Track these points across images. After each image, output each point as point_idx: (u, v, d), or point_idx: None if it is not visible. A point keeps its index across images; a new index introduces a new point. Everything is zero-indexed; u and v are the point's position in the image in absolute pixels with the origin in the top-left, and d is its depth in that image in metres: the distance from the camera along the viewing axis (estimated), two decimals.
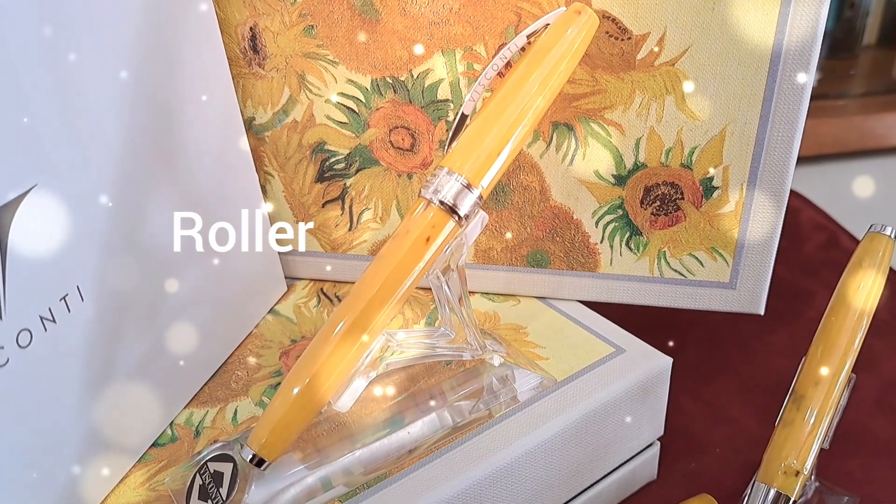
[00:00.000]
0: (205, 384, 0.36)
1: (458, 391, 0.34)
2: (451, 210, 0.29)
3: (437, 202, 0.29)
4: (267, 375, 0.36)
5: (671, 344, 0.49)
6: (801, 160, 0.74)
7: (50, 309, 0.27)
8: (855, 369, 0.48)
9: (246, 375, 0.36)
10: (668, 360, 0.36)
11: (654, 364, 0.36)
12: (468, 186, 0.29)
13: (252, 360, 0.37)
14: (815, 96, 0.77)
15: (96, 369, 0.30)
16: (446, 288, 0.31)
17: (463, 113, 0.31)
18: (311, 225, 0.41)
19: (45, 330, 0.27)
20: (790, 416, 0.33)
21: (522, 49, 0.32)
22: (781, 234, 0.61)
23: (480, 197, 0.30)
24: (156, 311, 0.33)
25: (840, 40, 0.80)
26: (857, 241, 0.59)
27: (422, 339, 0.33)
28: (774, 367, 0.48)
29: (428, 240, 0.29)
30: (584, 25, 0.31)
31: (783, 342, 0.50)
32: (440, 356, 0.33)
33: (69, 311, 0.28)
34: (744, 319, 0.42)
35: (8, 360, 0.25)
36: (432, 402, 0.33)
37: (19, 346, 0.26)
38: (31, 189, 0.26)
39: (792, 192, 0.66)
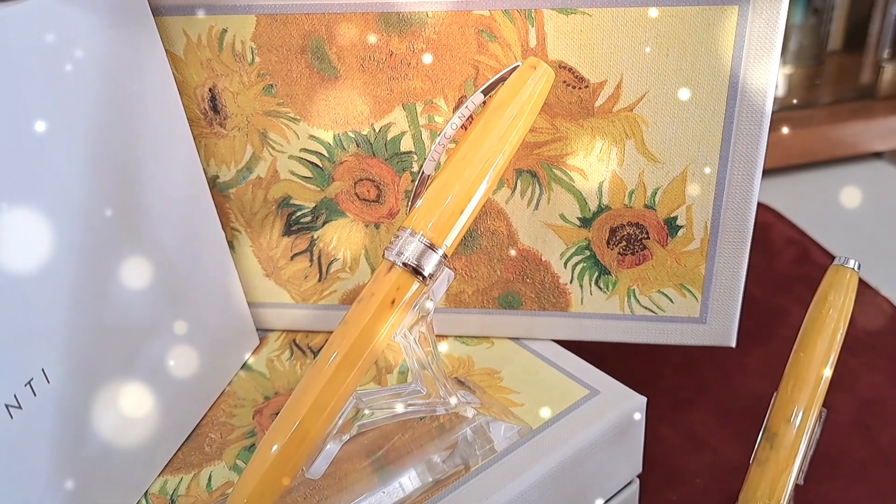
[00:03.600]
0: (178, 449, 0.35)
1: (432, 446, 0.34)
2: (416, 271, 0.29)
3: (401, 264, 0.29)
4: (241, 437, 0.36)
5: (647, 371, 0.49)
6: (771, 172, 0.75)
7: (15, 396, 0.27)
8: (830, 389, 0.48)
9: (219, 438, 0.36)
10: (643, 400, 0.37)
11: (628, 404, 0.36)
12: (431, 246, 0.30)
13: (223, 419, 0.37)
14: (783, 107, 0.78)
15: (66, 448, 0.29)
16: (415, 346, 0.31)
17: (424, 172, 0.31)
18: (280, 278, 0.41)
19: (12, 417, 0.27)
20: (764, 454, 0.33)
21: (484, 103, 0.32)
22: (753, 251, 0.62)
23: (445, 256, 0.30)
24: (125, 381, 0.32)
25: (805, 48, 0.81)
26: (829, 255, 0.60)
27: (393, 398, 0.33)
28: (750, 390, 0.48)
29: (393, 302, 0.29)
30: (539, 79, 0.31)
31: (758, 363, 0.50)
32: (413, 413, 0.33)
33: (35, 395, 0.28)
34: None
35: None
36: (407, 460, 0.33)
37: None
38: None
39: (763, 206, 0.67)
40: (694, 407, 0.47)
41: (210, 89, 0.36)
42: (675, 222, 0.36)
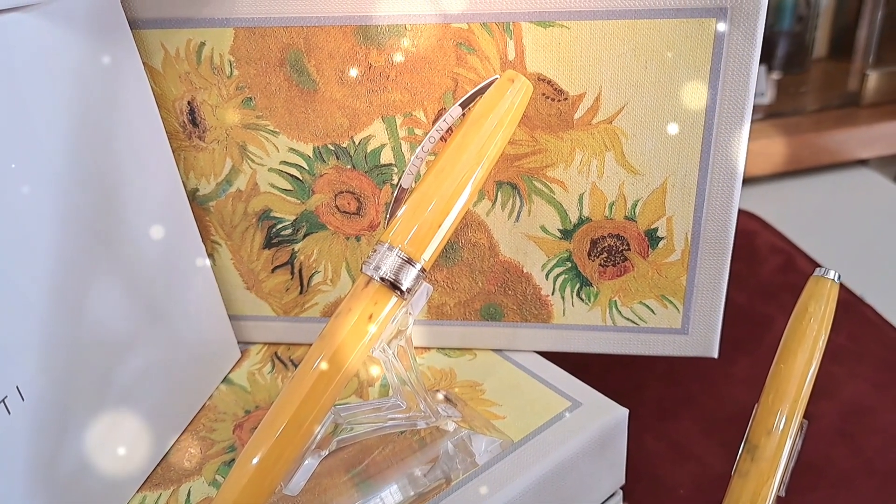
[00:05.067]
0: (157, 465, 0.35)
1: (413, 460, 0.34)
2: (394, 285, 0.29)
3: (379, 278, 0.29)
4: (220, 451, 0.36)
5: (631, 382, 0.49)
6: (757, 179, 0.75)
7: None
8: (814, 398, 0.48)
9: (199, 453, 0.36)
10: (625, 412, 0.37)
11: (610, 416, 0.36)
12: (409, 260, 0.29)
13: (203, 434, 0.37)
14: (768, 114, 0.78)
15: (42, 465, 0.29)
16: (394, 360, 0.31)
17: (402, 185, 0.31)
18: (261, 291, 0.41)
19: None
20: (745, 466, 0.33)
21: (463, 115, 0.32)
22: (738, 259, 0.62)
23: (423, 270, 0.30)
24: (103, 397, 0.32)
25: (790, 55, 0.82)
26: (814, 264, 0.60)
27: (373, 413, 0.33)
28: (736, 399, 0.48)
29: (370, 317, 0.29)
30: (518, 92, 0.31)
31: (743, 372, 0.50)
32: (393, 427, 0.33)
33: (9, 412, 0.27)
34: None
35: None
36: (388, 474, 0.33)
37: None
38: None
39: (748, 214, 0.67)
40: (679, 417, 0.47)
41: (189, 102, 0.36)
42: (656, 234, 0.36)
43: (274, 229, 0.39)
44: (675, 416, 0.47)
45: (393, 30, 0.33)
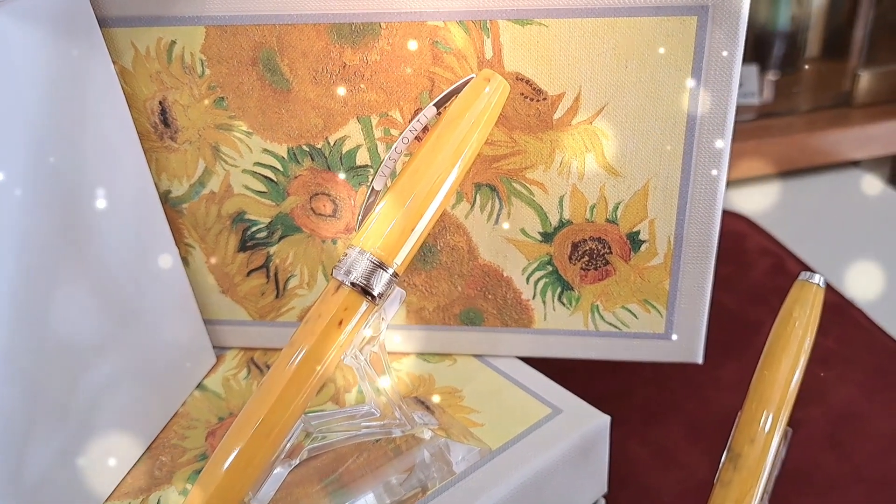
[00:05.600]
0: (127, 473, 0.34)
1: (389, 469, 0.33)
2: (365, 291, 0.28)
3: (349, 283, 0.28)
4: (192, 459, 0.35)
5: (617, 386, 0.48)
6: (748, 180, 0.75)
7: None
8: (802, 403, 0.47)
9: (170, 461, 0.35)
10: (606, 419, 0.36)
11: (591, 423, 0.35)
12: (381, 265, 0.29)
13: (175, 441, 0.36)
14: (761, 115, 0.77)
15: (7, 473, 0.28)
16: (367, 367, 0.30)
17: (373, 188, 0.30)
18: (237, 294, 0.40)
19: None
20: (727, 475, 0.32)
21: (440, 114, 0.31)
22: (728, 262, 0.61)
23: (395, 274, 0.29)
24: (70, 404, 0.31)
25: (783, 55, 0.81)
26: (804, 266, 0.59)
27: (346, 421, 0.32)
28: (723, 404, 0.47)
29: (341, 323, 0.28)
30: (494, 92, 0.30)
31: (731, 376, 0.49)
32: (367, 436, 0.32)
33: None
34: None
35: None
36: (363, 483, 0.32)
37: None
38: None
39: (738, 215, 0.67)
40: (665, 422, 0.46)
41: (160, 102, 0.35)
42: (638, 237, 0.35)
43: (248, 232, 0.38)
44: (661, 422, 0.46)
45: (367, 28, 0.32)
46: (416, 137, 0.32)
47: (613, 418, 0.36)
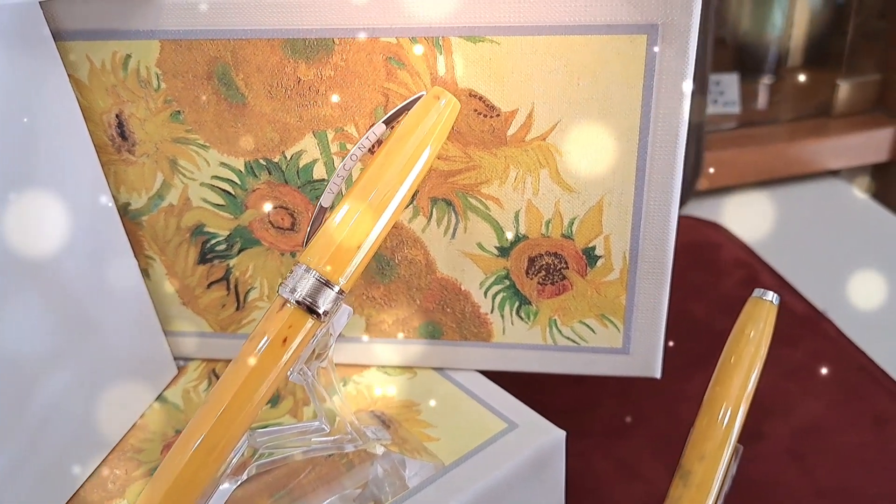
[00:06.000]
0: (80, 487, 0.34)
1: (341, 484, 0.33)
2: (310, 309, 0.29)
3: (294, 301, 0.28)
4: (147, 473, 0.35)
5: (584, 398, 0.48)
6: (726, 189, 0.75)
7: None
8: (767, 416, 0.48)
9: (124, 474, 0.35)
10: (562, 434, 0.36)
11: (547, 438, 0.35)
12: (327, 283, 0.29)
13: (130, 454, 0.36)
14: (741, 124, 0.77)
15: None
16: (315, 383, 0.30)
17: (321, 205, 0.30)
18: (198, 306, 0.40)
19: None
20: (677, 492, 0.32)
21: (392, 129, 0.31)
22: (701, 271, 0.61)
23: (342, 292, 0.29)
24: (22, 417, 0.31)
25: (765, 64, 0.81)
26: (778, 278, 0.59)
27: (297, 436, 0.32)
28: (689, 417, 0.47)
29: (285, 341, 0.28)
30: (444, 110, 0.30)
31: (699, 389, 0.49)
32: (318, 451, 0.32)
33: None
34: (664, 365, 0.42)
35: None
36: (314, 499, 0.32)
37: None
38: None
39: (713, 225, 0.67)
40: (630, 436, 0.46)
41: (117, 115, 0.35)
42: (594, 252, 0.35)
43: (208, 244, 0.38)
44: (625, 435, 0.46)
45: (321, 44, 0.32)
46: (370, 151, 0.32)
47: (578, 431, 0.36)
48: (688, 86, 0.31)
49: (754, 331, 0.33)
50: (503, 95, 0.32)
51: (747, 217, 0.71)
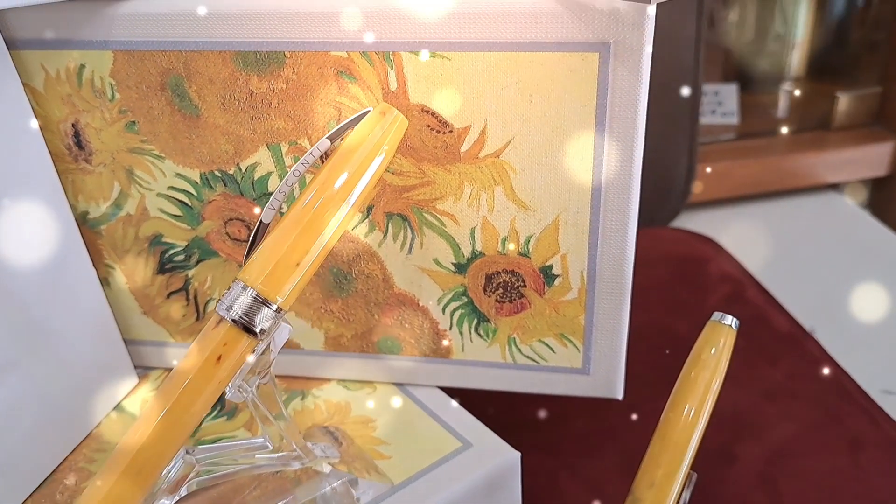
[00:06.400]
0: (28, 496, 0.34)
1: (287, 501, 0.33)
2: (246, 327, 0.28)
3: (230, 319, 0.28)
4: None
5: (556, 414, 0.48)
6: (721, 202, 0.73)
7: None
8: (740, 437, 0.47)
9: (74, 485, 0.35)
10: (516, 455, 0.35)
11: (500, 459, 0.35)
12: (264, 301, 0.28)
13: (82, 464, 0.36)
14: (740, 135, 0.76)
15: None
16: (256, 400, 0.30)
17: (262, 221, 0.30)
18: (158, 316, 0.40)
19: None
20: None
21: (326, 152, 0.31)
22: (687, 286, 0.60)
23: (279, 310, 0.29)
24: None
25: (764, 75, 0.80)
26: (764, 294, 0.58)
27: (241, 453, 0.32)
28: None
29: (219, 359, 0.28)
30: (389, 126, 0.30)
31: None
32: (265, 468, 0.32)
33: None
34: (632, 383, 0.41)
35: None
36: None
37: None
38: None
39: (702, 238, 0.66)
40: (600, 454, 0.45)
41: (73, 125, 0.35)
42: (551, 271, 0.35)
43: (166, 255, 0.38)
44: (595, 453, 0.45)
45: (272, 56, 0.32)
46: (314, 167, 0.31)
47: (545, 448, 0.35)
48: (643, 105, 0.31)
49: (710, 356, 0.32)
50: (455, 111, 0.32)
51: (742, 230, 0.70)
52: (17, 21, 0.33)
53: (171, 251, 0.37)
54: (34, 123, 0.34)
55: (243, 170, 0.35)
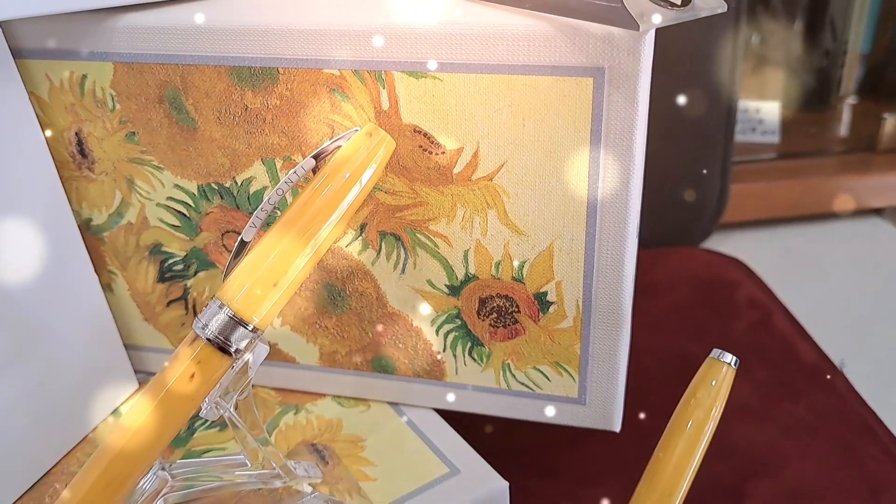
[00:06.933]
0: (18, 498, 0.35)
1: None
2: (221, 346, 0.28)
3: (205, 338, 0.28)
4: None
5: (564, 439, 0.46)
6: (755, 224, 0.71)
7: None
8: (755, 475, 0.45)
9: (63, 488, 0.35)
10: (505, 485, 0.34)
11: (486, 489, 0.34)
12: (240, 321, 0.28)
13: (74, 469, 0.36)
14: (780, 155, 0.74)
15: None
16: (234, 417, 0.30)
17: (242, 239, 0.30)
18: (158, 323, 0.40)
19: None
20: None
21: (314, 170, 0.30)
22: (712, 310, 0.58)
23: (255, 330, 0.28)
24: None
25: (810, 94, 0.77)
26: (793, 323, 0.56)
27: (220, 470, 0.31)
28: None
29: (192, 377, 0.28)
30: (375, 147, 0.29)
31: None
32: (243, 485, 0.32)
33: None
34: (642, 409, 0.40)
35: None
36: None
37: None
38: None
39: (733, 261, 0.64)
40: (602, 482, 0.44)
41: (76, 133, 0.35)
42: (546, 298, 0.34)
43: (166, 264, 0.38)
44: (597, 482, 0.44)
45: (265, 72, 0.32)
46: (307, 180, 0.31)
47: (545, 474, 0.34)
48: (640, 132, 0.29)
49: (705, 395, 0.31)
50: (447, 132, 0.31)
51: (776, 254, 0.68)
52: (22, 30, 0.33)
53: (171, 260, 0.38)
54: (39, 131, 0.35)
55: (239, 183, 0.35)
